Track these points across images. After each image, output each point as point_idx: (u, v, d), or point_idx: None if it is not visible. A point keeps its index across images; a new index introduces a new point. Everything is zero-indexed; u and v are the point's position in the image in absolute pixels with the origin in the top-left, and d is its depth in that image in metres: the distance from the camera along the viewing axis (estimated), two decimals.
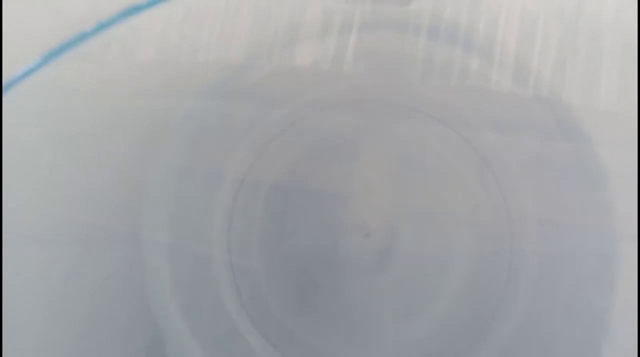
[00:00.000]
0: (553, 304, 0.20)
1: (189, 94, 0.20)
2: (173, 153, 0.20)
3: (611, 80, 0.16)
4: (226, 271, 0.22)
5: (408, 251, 0.21)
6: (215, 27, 0.20)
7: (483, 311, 0.21)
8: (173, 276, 0.21)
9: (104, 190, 0.20)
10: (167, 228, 0.21)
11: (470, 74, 0.18)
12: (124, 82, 0.19)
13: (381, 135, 0.21)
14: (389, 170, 0.21)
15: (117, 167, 0.20)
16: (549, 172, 0.20)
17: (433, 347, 0.21)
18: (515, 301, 0.20)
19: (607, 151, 0.18)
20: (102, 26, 0.18)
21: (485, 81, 0.18)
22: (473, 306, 0.21)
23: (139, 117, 0.20)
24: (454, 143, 0.21)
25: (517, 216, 0.20)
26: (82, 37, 0.18)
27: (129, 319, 0.21)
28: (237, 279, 0.22)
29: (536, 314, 0.20)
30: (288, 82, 0.20)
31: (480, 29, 0.18)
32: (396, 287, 0.21)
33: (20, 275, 0.19)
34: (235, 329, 0.22)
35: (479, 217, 0.21)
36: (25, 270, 0.19)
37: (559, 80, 0.17)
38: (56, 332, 0.20)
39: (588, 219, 0.19)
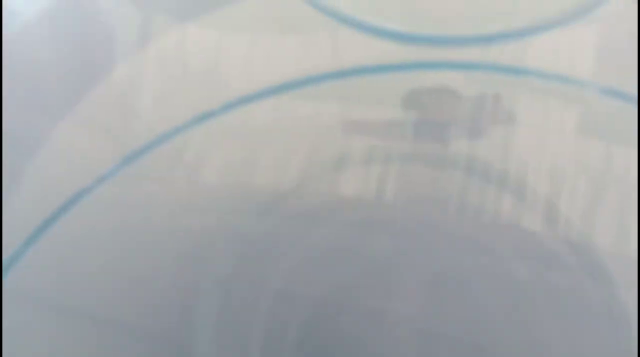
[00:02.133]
0: None
1: (239, 212, 0.21)
2: (219, 270, 0.21)
3: None
4: None
5: None
6: (269, 152, 0.22)
7: None
8: None
9: (152, 297, 0.21)
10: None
11: (503, 213, 0.19)
12: (179, 197, 0.21)
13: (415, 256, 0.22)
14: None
15: (166, 280, 0.21)
16: (575, 310, 0.20)
17: None
18: None
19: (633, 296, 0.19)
20: (177, 130, 0.20)
21: (517, 219, 0.19)
22: None
23: (190, 232, 0.21)
24: None
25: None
26: (159, 140, 0.20)
27: None
28: None
29: None
30: (332, 206, 0.22)
31: (511, 170, 0.19)
32: None
33: None
34: None
35: None
36: None
37: (589, 226, 0.17)
38: None
39: None
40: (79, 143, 0.20)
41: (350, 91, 0.20)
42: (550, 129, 0.19)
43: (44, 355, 0.19)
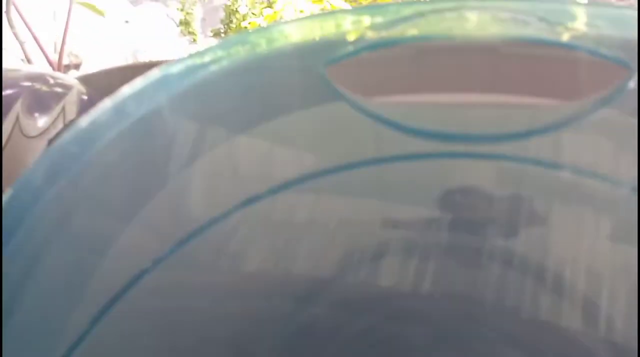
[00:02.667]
0: None
1: (280, 299, 0.22)
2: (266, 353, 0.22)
3: None
4: None
5: None
6: (310, 241, 0.22)
7: None
8: None
9: None
10: None
11: (542, 306, 0.20)
12: (225, 285, 0.22)
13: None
14: None
15: None
16: None
17: None
18: None
19: None
20: (225, 220, 0.21)
21: (555, 317, 0.19)
22: None
23: (235, 318, 0.22)
24: None
25: None
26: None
27: None
28: None
29: None
30: (371, 294, 0.22)
31: (550, 265, 0.20)
32: None
33: None
34: None
35: None
36: None
37: (629, 328, 0.18)
38: None
39: None
40: (139, 235, 0.20)
41: (389, 188, 0.21)
42: (585, 228, 0.19)
43: None
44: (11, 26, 0.72)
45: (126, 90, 0.21)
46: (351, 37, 0.19)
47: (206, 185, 0.22)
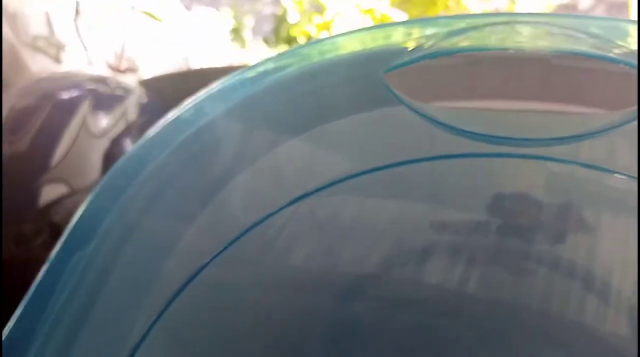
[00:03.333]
0: None
1: (325, 294, 0.23)
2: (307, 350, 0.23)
3: None
4: None
5: None
6: (354, 238, 0.23)
7: None
8: None
9: None
10: None
11: (587, 311, 0.20)
12: (272, 280, 0.23)
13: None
14: None
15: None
16: None
17: None
18: None
19: None
20: (276, 217, 0.22)
21: (600, 322, 0.20)
22: None
23: (282, 312, 0.23)
24: None
25: None
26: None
27: None
28: None
29: None
30: (416, 293, 0.23)
31: (597, 271, 0.20)
32: None
33: None
34: None
35: None
36: None
37: None
38: None
39: None
40: (198, 235, 0.22)
41: (439, 190, 0.22)
42: (634, 234, 0.20)
43: None
44: (77, 33, 0.76)
45: (187, 101, 0.22)
46: (410, 46, 0.20)
47: (258, 186, 0.23)
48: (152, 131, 0.25)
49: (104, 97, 0.54)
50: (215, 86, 0.25)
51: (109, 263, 0.21)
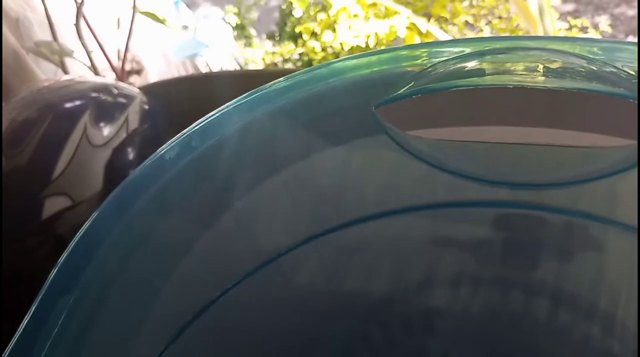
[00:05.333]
0: None
1: (333, 316, 0.23)
2: None
3: None
4: None
5: None
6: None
7: None
8: None
9: None
10: None
11: (592, 343, 0.20)
12: (285, 302, 0.23)
13: None
14: None
15: None
16: None
17: None
18: None
19: None
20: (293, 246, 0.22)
21: (607, 347, 0.19)
22: None
23: (294, 332, 0.23)
24: None
25: None
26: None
27: None
28: None
29: None
30: (420, 319, 0.23)
31: (601, 304, 0.19)
32: None
33: None
34: None
35: None
36: None
37: None
38: None
39: None
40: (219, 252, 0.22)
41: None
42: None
43: None
44: (80, 37, 0.76)
45: (194, 125, 0.22)
46: (406, 79, 0.20)
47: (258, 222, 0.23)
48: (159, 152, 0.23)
49: (106, 105, 0.53)
50: (223, 108, 0.24)
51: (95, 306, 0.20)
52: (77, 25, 0.73)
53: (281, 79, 0.21)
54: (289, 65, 1.93)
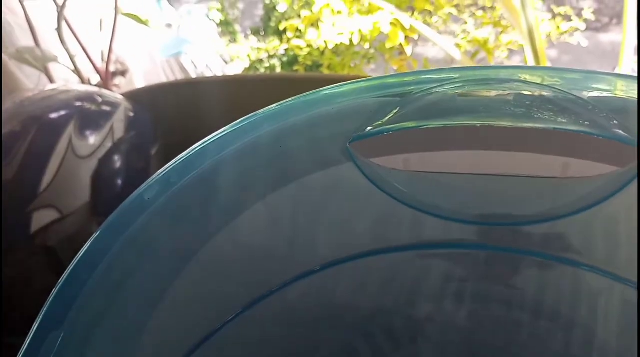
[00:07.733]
0: None
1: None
2: None
3: None
4: None
5: None
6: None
7: None
8: None
9: None
10: None
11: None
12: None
13: None
14: None
15: None
16: None
17: None
18: None
19: None
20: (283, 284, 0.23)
21: None
22: None
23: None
24: None
25: None
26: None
27: None
28: None
29: None
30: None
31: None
32: None
33: None
34: None
35: None
36: None
37: None
38: None
39: None
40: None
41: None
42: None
43: None
44: (62, 41, 0.75)
45: (177, 159, 0.22)
46: (380, 116, 0.20)
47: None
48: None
49: (90, 115, 0.53)
50: (209, 139, 0.24)
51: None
52: (59, 29, 0.72)
53: (272, 106, 0.21)
54: (274, 61, 1.92)
